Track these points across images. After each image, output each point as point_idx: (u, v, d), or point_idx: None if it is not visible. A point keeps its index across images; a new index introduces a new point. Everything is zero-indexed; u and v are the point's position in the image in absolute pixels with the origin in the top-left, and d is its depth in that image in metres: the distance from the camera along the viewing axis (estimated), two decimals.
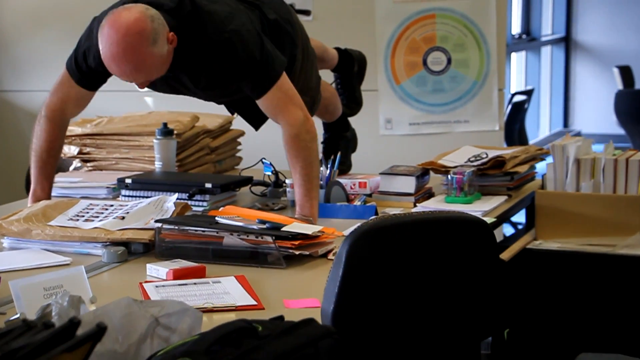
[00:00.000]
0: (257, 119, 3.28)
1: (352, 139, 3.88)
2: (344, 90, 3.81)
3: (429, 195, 3.39)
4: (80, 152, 3.68)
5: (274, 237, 2.58)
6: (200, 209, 3.20)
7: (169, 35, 2.78)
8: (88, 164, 3.69)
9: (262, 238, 2.59)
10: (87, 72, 2.98)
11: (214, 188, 3.21)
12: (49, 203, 2.88)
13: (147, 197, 3.23)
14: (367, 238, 2.05)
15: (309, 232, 2.63)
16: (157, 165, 3.48)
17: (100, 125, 3.73)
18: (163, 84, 3.04)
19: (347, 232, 2.88)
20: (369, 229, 2.06)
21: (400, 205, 3.27)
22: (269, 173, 3.47)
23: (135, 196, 3.25)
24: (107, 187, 3.38)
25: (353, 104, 3.84)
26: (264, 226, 2.65)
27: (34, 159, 3.07)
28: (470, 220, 2.16)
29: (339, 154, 3.33)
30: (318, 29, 4.79)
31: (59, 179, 3.49)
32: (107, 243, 2.67)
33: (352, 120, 3.89)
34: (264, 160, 3.47)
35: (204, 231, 2.64)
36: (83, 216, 2.81)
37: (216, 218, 2.72)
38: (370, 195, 3.35)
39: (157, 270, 2.49)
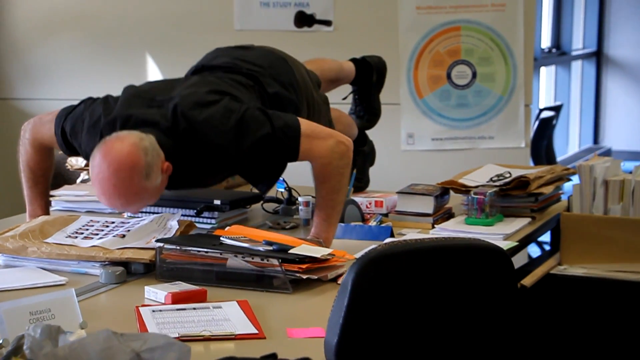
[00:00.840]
0: (264, 183, 2.96)
1: (370, 153, 3.73)
2: (361, 102, 3.66)
3: (449, 215, 3.24)
4: (87, 165, 3.55)
5: (280, 260, 2.44)
6: (208, 226, 3.07)
7: (164, 166, 2.62)
8: None
9: (267, 261, 2.45)
10: (73, 146, 2.84)
11: (222, 205, 3.08)
12: (47, 219, 2.75)
13: (153, 212, 3.11)
14: (375, 266, 1.90)
15: (318, 255, 2.49)
16: None
17: None
18: None
19: (359, 255, 2.74)
20: (376, 257, 1.91)
21: (418, 226, 3.13)
22: (282, 190, 3.34)
23: (142, 212, 3.12)
24: None
25: (371, 115, 3.69)
26: (271, 248, 2.51)
27: (25, 179, 2.95)
28: (488, 248, 2.01)
29: (354, 171, 3.18)
30: (339, 40, 4.71)
31: (64, 192, 3.37)
32: (106, 263, 2.54)
33: (373, 135, 3.74)
34: None
35: (207, 252, 2.50)
36: (82, 233, 2.68)
37: (221, 238, 2.58)
38: (386, 215, 3.20)
39: (156, 293, 2.36)
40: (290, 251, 2.49)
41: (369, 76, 3.61)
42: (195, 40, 4.77)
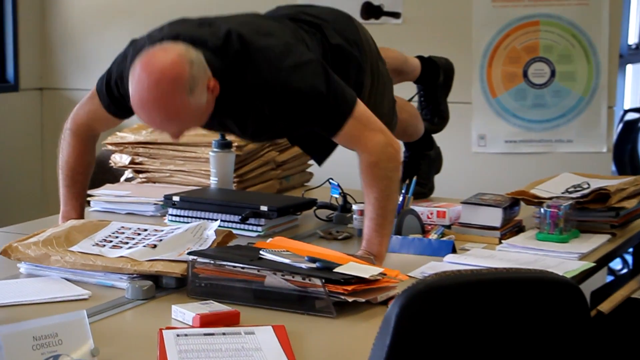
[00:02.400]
0: (319, 152, 2.84)
1: (436, 158, 3.47)
2: (427, 104, 3.41)
3: (518, 229, 2.95)
4: (132, 162, 3.35)
5: (323, 280, 2.18)
6: (254, 234, 2.84)
7: (210, 83, 2.38)
8: (140, 175, 3.35)
9: (309, 280, 2.20)
10: (118, 98, 2.61)
11: (269, 211, 2.84)
12: (75, 224, 2.53)
13: (195, 217, 2.89)
14: (423, 300, 1.64)
15: (366, 275, 2.22)
16: (213, 181, 3.13)
17: (156, 132, 3.39)
18: (205, 126, 2.68)
19: (415, 274, 2.49)
20: (424, 289, 1.64)
21: (484, 241, 2.85)
22: (337, 195, 3.09)
23: (183, 216, 2.92)
24: (155, 204, 3.03)
25: (438, 118, 3.43)
26: (314, 265, 2.25)
27: (62, 177, 2.73)
28: (556, 281, 1.72)
29: (414, 179, 2.90)
30: (407, 34, 4.48)
31: (105, 191, 3.17)
32: (134, 275, 2.31)
33: (441, 135, 3.49)
34: (331, 180, 3.08)
35: (243, 268, 2.25)
36: (111, 241, 2.45)
37: (260, 252, 2.34)
38: (449, 227, 2.93)
39: (184, 314, 2.11)
40: (336, 270, 2.24)
41: (435, 76, 3.37)
42: None
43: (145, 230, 2.53)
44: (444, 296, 1.65)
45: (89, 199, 3.14)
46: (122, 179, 3.40)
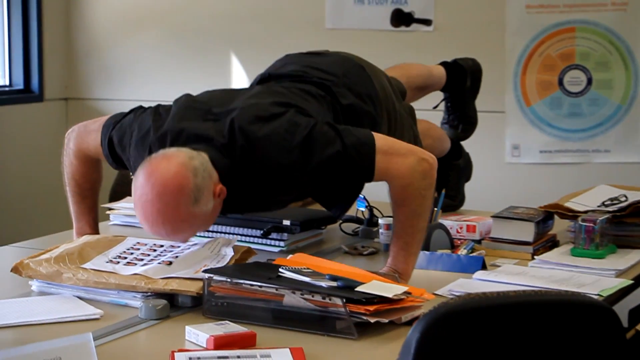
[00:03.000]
0: (330, 202, 2.60)
1: (466, 167, 3.36)
2: (454, 110, 3.32)
3: (552, 244, 2.83)
4: None
5: (344, 300, 2.07)
6: (277, 249, 2.75)
7: (216, 189, 2.28)
8: None
9: (330, 300, 2.09)
10: (120, 158, 2.53)
11: (292, 226, 2.74)
12: (89, 240, 2.45)
13: (216, 232, 2.80)
14: (445, 325, 1.53)
15: (389, 295, 2.11)
16: None
17: None
18: None
19: (442, 292, 2.38)
20: (447, 313, 1.54)
21: (515, 256, 2.74)
22: (363, 208, 2.99)
23: (207, 230, 2.81)
24: None
25: (466, 125, 3.33)
26: (334, 284, 2.15)
27: (70, 194, 2.65)
28: (587, 304, 1.61)
29: (443, 192, 2.79)
30: (438, 42, 4.40)
31: (125, 204, 3.08)
32: (148, 294, 2.22)
33: (474, 145, 3.41)
34: None
35: (260, 287, 2.16)
36: (125, 258, 2.36)
37: (280, 270, 2.24)
38: (479, 242, 2.81)
39: (197, 335, 2.02)
40: (358, 288, 2.13)
41: (462, 81, 3.26)
42: (283, 39, 4.53)
43: (162, 246, 2.44)
44: (467, 320, 1.54)
45: (108, 212, 3.06)
46: None
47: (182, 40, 4.82)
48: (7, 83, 4.93)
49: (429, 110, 3.35)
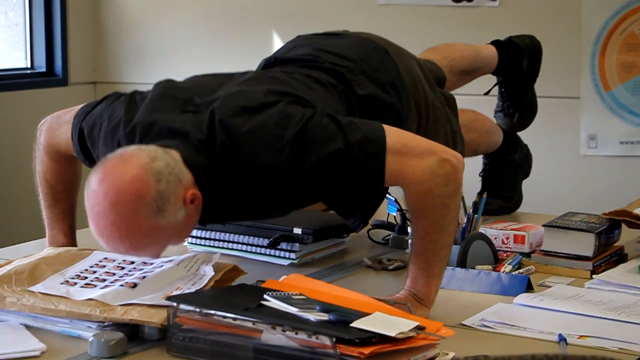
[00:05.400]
0: (346, 209, 2.26)
1: (523, 162, 2.97)
2: (509, 96, 2.94)
3: (618, 259, 2.39)
4: None
5: (333, 339, 1.66)
6: (286, 262, 2.36)
7: (187, 195, 1.89)
8: None
9: (317, 338, 1.68)
10: (93, 161, 2.15)
11: (304, 235, 2.34)
12: (47, 254, 2.08)
13: (218, 239, 2.43)
14: None
15: (392, 334, 1.69)
16: None
17: None
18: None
19: (472, 322, 1.95)
20: None
21: (571, 274, 2.30)
22: (394, 213, 2.58)
23: (204, 238, 2.45)
24: None
25: (523, 112, 2.93)
26: (325, 317, 1.73)
27: (42, 196, 2.29)
28: None
29: (484, 197, 2.34)
30: (505, 18, 4.10)
31: None
32: (105, 323, 1.84)
33: (543, 134, 3.18)
34: (388, 195, 2.56)
35: (234, 319, 1.76)
36: (85, 278, 1.98)
37: (265, 296, 1.83)
38: (529, 256, 2.37)
39: None
40: (354, 324, 1.72)
41: (517, 63, 2.87)
42: (330, 17, 4.23)
43: (132, 263, 2.05)
44: None
45: None
46: None
47: (220, 17, 4.54)
48: (28, 65, 4.67)
49: (479, 96, 2.98)
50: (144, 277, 1.94)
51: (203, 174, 1.93)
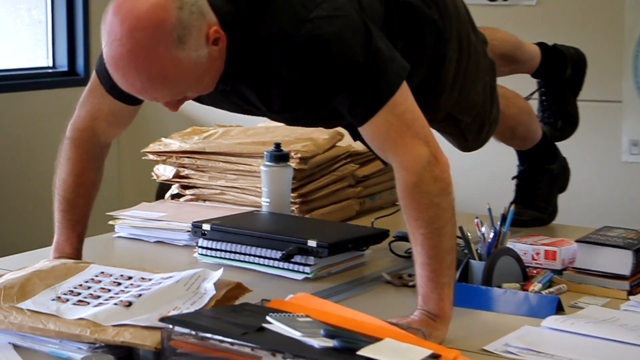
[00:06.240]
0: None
1: (561, 174, 2.80)
2: (550, 104, 2.78)
3: None
4: (176, 175, 2.76)
5: None
6: (301, 277, 2.22)
7: (210, 31, 1.78)
8: (187, 192, 2.76)
9: None
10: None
11: (319, 248, 2.19)
12: (42, 267, 1.95)
13: (229, 251, 2.30)
14: None
15: None
16: (264, 203, 2.51)
17: (210, 138, 2.80)
18: (220, 100, 2.04)
19: (495, 348, 1.79)
20: None
21: (606, 294, 2.13)
22: None
23: (215, 249, 2.33)
24: (189, 231, 2.42)
25: (565, 122, 2.77)
26: (330, 344, 1.59)
27: (57, 199, 2.15)
28: None
29: (511, 208, 2.18)
30: (543, 17, 3.94)
31: (136, 212, 2.60)
32: (96, 345, 1.71)
33: (583, 140, 3.03)
34: None
35: (232, 344, 1.62)
36: (79, 294, 1.85)
37: (268, 317, 1.69)
38: (560, 273, 2.20)
39: None
40: (361, 351, 1.57)
41: (560, 68, 2.72)
42: None
43: (130, 278, 1.92)
44: None
45: (111, 222, 2.57)
46: (167, 195, 2.82)
47: None
48: (50, 64, 4.58)
49: None
50: (140, 294, 1.81)
51: (230, 21, 1.81)
